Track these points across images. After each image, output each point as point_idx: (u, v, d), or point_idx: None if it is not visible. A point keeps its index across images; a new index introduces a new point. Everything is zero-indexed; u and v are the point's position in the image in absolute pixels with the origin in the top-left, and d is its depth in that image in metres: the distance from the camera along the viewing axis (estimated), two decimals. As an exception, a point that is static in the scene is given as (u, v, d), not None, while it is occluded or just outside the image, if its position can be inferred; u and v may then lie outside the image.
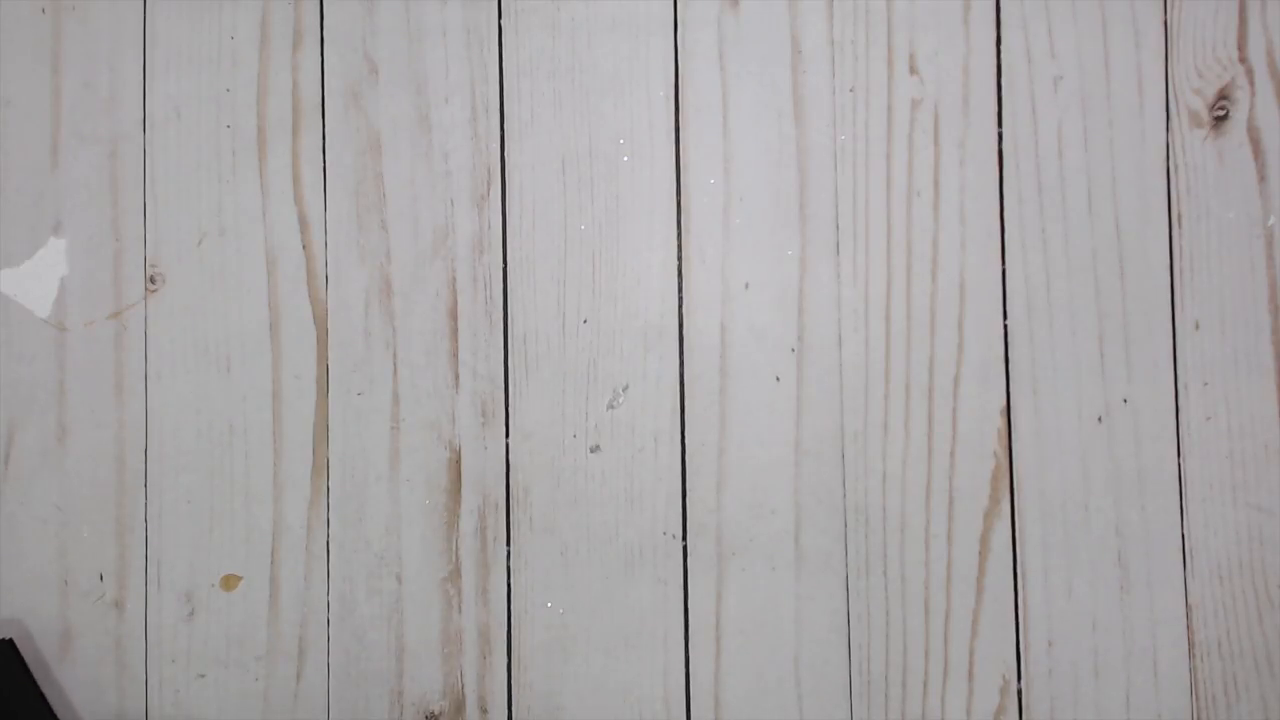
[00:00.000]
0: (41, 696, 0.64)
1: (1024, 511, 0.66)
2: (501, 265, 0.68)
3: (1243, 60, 0.67)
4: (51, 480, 0.68)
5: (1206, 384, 0.66)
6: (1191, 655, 0.65)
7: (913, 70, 0.68)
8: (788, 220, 0.67)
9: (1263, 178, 0.67)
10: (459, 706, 0.67)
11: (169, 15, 0.69)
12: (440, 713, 0.66)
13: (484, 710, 0.66)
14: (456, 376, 0.67)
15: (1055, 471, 0.66)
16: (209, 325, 0.68)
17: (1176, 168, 0.67)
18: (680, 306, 0.67)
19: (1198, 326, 0.66)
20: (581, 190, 0.68)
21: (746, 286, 0.67)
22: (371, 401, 0.67)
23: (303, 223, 0.68)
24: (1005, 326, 0.67)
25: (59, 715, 0.66)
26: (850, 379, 0.67)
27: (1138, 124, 0.67)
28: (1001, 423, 0.66)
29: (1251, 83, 0.67)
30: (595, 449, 0.67)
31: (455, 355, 0.68)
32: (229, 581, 0.67)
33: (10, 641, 0.65)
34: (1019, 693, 0.66)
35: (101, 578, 0.67)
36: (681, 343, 0.67)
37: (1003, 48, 0.68)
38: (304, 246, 0.68)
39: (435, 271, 0.68)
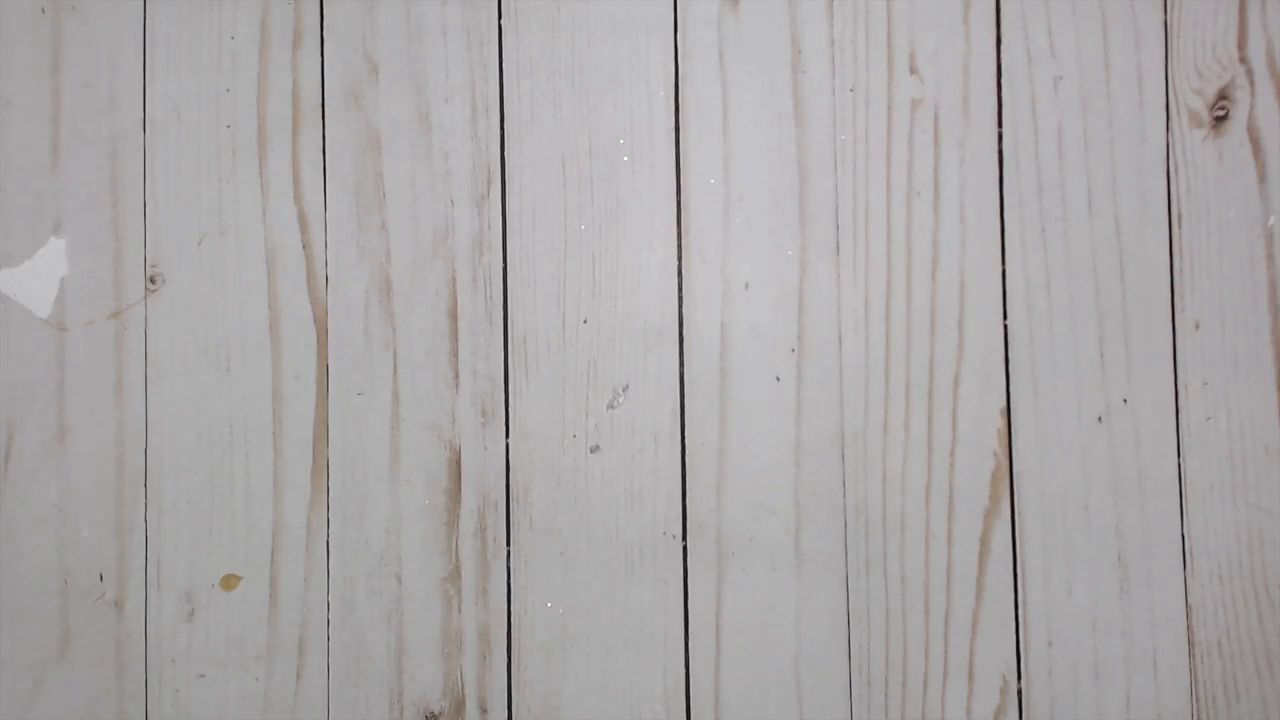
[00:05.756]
0: None
1: (1024, 511, 0.66)
2: (501, 265, 0.68)
3: (1243, 60, 0.67)
4: (51, 480, 0.68)
5: (1206, 384, 0.66)
6: (1191, 655, 0.65)
7: (913, 70, 0.68)
8: (788, 220, 0.67)
9: (1263, 178, 0.67)
10: (459, 706, 0.67)
11: (169, 15, 0.69)
12: (440, 713, 0.66)
13: (484, 710, 0.66)
14: (456, 376, 0.67)
15: (1055, 471, 0.66)
16: (209, 325, 0.68)
17: (1176, 168, 0.67)
18: (680, 306, 0.67)
19: (1198, 326, 0.66)
20: (581, 190, 0.68)
21: (746, 286, 0.67)
22: (371, 401, 0.67)
23: (303, 222, 0.68)
24: (1005, 326, 0.67)
25: (58, 715, 0.67)
26: (850, 379, 0.67)
27: (1138, 124, 0.67)
28: (1001, 423, 0.66)
29: (1251, 83, 0.67)
30: (595, 449, 0.67)
31: (455, 355, 0.68)
32: (229, 581, 0.67)
33: None
34: (1019, 693, 0.66)
35: (101, 578, 0.67)
36: (681, 343, 0.67)
37: (1003, 48, 0.68)
38: (304, 246, 0.68)
39: (435, 271, 0.68)
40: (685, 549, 0.67)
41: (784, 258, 0.67)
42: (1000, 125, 0.67)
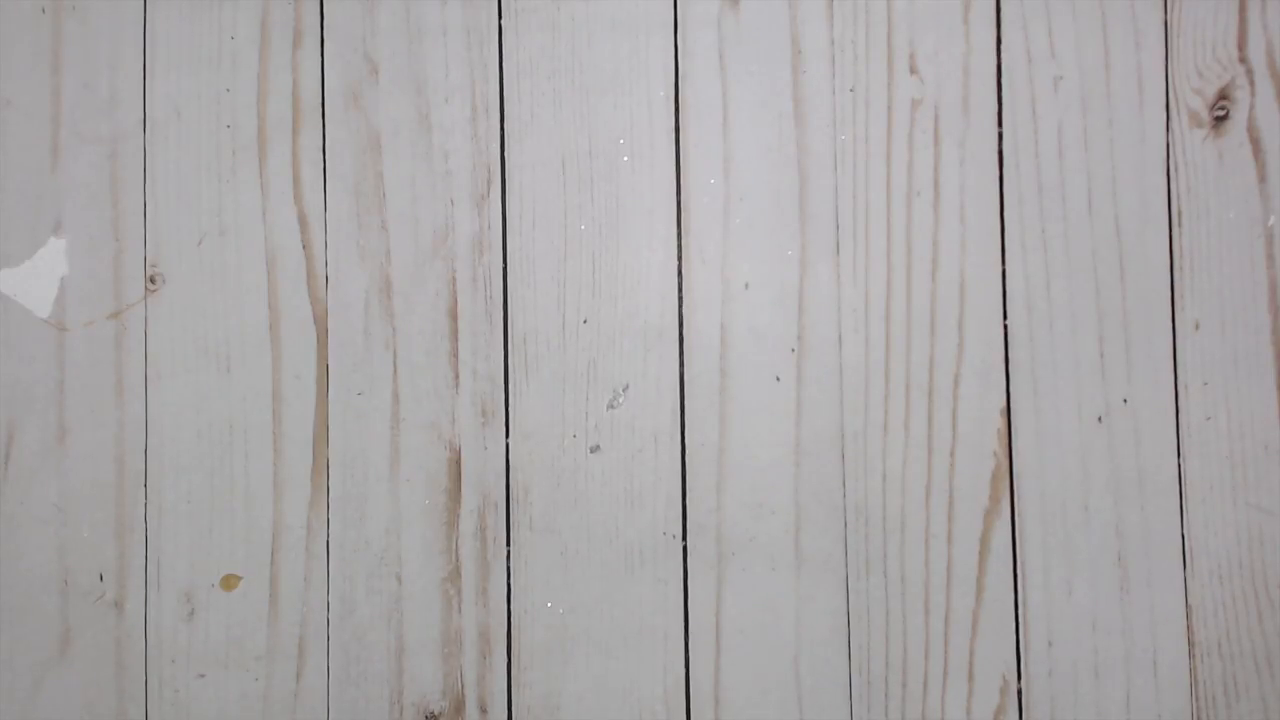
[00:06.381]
0: None
1: (1024, 511, 0.66)
2: (501, 265, 0.68)
3: (1243, 60, 0.67)
4: (51, 480, 0.68)
5: (1206, 384, 0.66)
6: (1191, 655, 0.65)
7: (913, 70, 0.68)
8: (788, 220, 0.67)
9: (1263, 178, 0.67)
10: (459, 706, 0.67)
11: (169, 15, 0.69)
12: (440, 713, 0.66)
13: (484, 710, 0.66)
14: (456, 376, 0.67)
15: (1055, 471, 0.66)
16: (209, 325, 0.68)
17: (1176, 168, 0.67)
18: (680, 306, 0.67)
19: (1198, 326, 0.66)
20: (581, 190, 0.68)
21: (746, 286, 0.67)
22: (371, 401, 0.67)
23: (303, 223, 0.68)
24: (1005, 326, 0.67)
25: (58, 715, 0.67)
26: (850, 379, 0.67)
27: (1138, 124, 0.67)
28: (1001, 423, 0.66)
29: (1251, 83, 0.67)
30: (595, 449, 0.67)
31: (455, 355, 0.68)
32: (229, 581, 0.67)
33: None
34: (1019, 693, 0.66)
35: (101, 578, 0.67)
36: (681, 343, 0.67)
37: (1003, 48, 0.68)
38: (304, 246, 0.68)
39: (435, 271, 0.68)
40: (685, 549, 0.67)
41: (784, 258, 0.67)
42: (1000, 125, 0.67)
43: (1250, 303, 0.66)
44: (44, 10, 0.69)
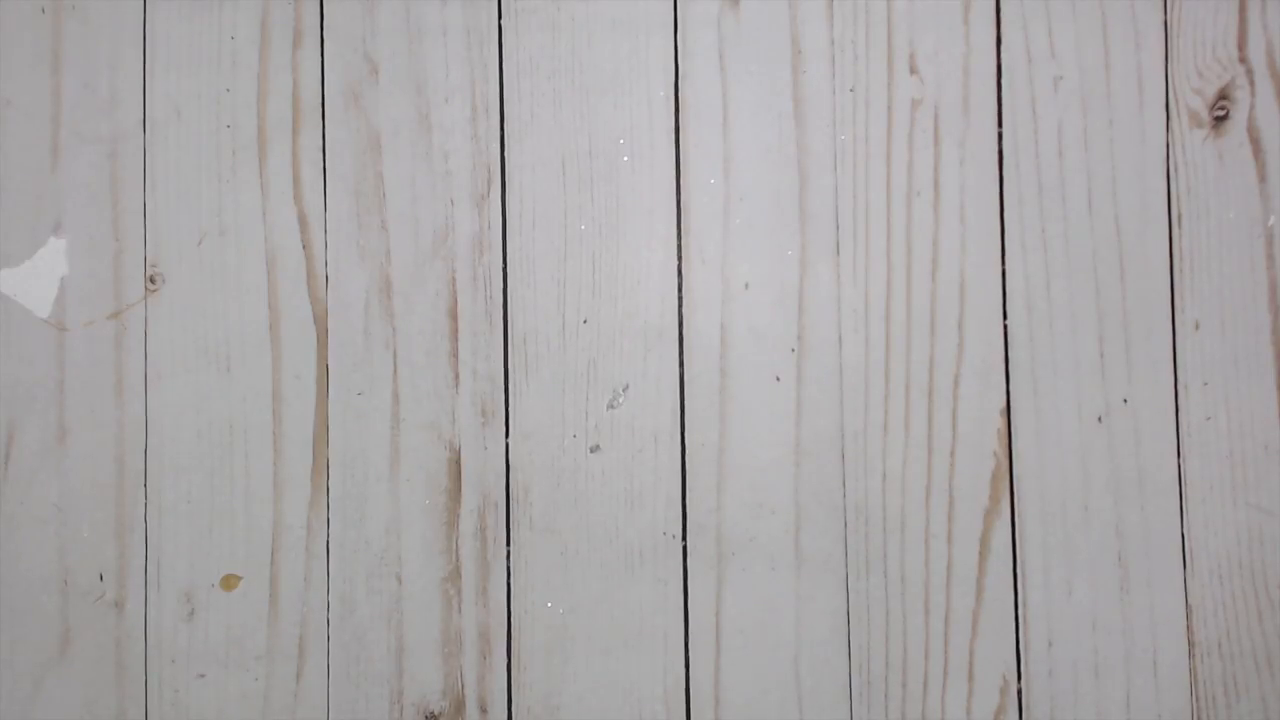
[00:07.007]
0: None
1: (1024, 511, 0.66)
2: (501, 265, 0.68)
3: (1243, 60, 0.67)
4: (51, 480, 0.68)
5: (1206, 384, 0.66)
6: (1191, 655, 0.65)
7: (913, 70, 0.68)
8: (788, 220, 0.67)
9: (1263, 178, 0.67)
10: (459, 706, 0.67)
11: (169, 15, 0.69)
12: (440, 713, 0.66)
13: (484, 710, 0.66)
14: (456, 376, 0.67)
15: (1055, 471, 0.66)
16: (209, 325, 0.68)
17: (1176, 168, 0.67)
18: (680, 306, 0.67)
19: (1198, 326, 0.66)
20: (581, 190, 0.68)
21: (746, 286, 0.67)
22: (371, 401, 0.67)
23: (303, 223, 0.68)
24: (1005, 326, 0.67)
25: (58, 715, 0.67)
26: (850, 379, 0.67)
27: (1138, 124, 0.67)
28: (1001, 423, 0.66)
29: (1251, 83, 0.67)
30: (595, 449, 0.67)
31: (455, 355, 0.68)
32: (229, 581, 0.67)
33: None
34: (1019, 693, 0.66)
35: (101, 578, 0.67)
36: (681, 343, 0.67)
37: (1003, 47, 0.68)
38: (304, 246, 0.68)
39: (435, 271, 0.68)
40: (685, 549, 0.67)
41: (784, 258, 0.67)
42: (1000, 125, 0.67)
43: (1250, 303, 0.66)
44: (44, 10, 0.69)
